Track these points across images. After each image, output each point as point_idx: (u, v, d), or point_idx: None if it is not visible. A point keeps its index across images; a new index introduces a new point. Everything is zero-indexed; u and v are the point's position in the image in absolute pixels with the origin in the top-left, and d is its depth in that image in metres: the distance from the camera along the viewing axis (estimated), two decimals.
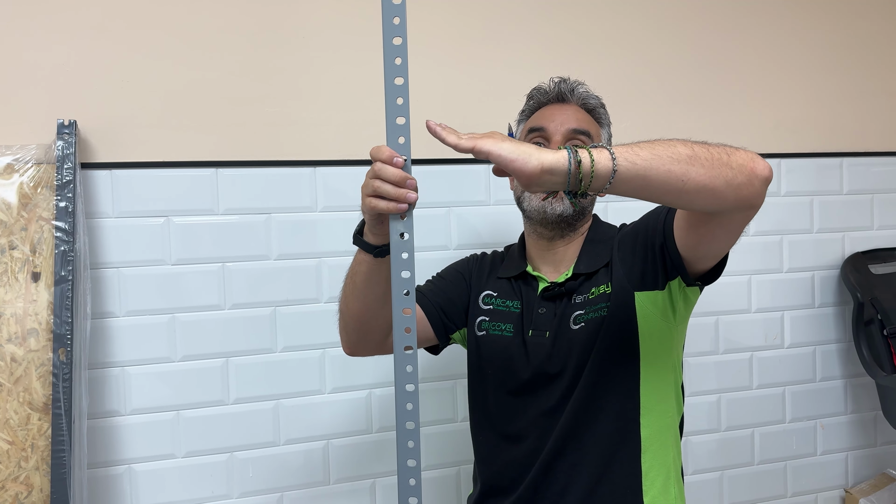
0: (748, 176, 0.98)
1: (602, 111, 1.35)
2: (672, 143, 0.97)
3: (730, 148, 1.00)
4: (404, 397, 0.94)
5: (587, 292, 1.26)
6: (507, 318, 1.32)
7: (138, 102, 1.54)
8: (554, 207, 1.27)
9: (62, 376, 1.37)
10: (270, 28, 1.61)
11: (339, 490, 1.68)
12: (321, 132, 1.64)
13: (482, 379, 1.34)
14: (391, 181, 0.96)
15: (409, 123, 0.91)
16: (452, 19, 1.72)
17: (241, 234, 1.60)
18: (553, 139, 1.27)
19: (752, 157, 0.99)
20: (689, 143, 0.98)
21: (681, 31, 1.90)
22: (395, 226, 0.95)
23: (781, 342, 2.00)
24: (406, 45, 0.89)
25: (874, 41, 2.06)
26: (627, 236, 1.27)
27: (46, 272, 1.41)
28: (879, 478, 2.06)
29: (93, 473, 1.52)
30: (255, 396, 1.62)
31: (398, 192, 0.96)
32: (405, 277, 0.94)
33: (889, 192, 2.08)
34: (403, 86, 0.90)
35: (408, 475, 0.95)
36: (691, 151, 0.96)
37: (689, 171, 0.95)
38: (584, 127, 1.29)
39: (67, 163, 1.43)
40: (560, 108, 1.31)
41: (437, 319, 1.36)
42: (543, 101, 1.34)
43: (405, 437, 0.95)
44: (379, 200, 0.97)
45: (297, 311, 1.64)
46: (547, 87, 1.35)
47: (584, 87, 1.34)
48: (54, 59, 1.49)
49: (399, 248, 0.94)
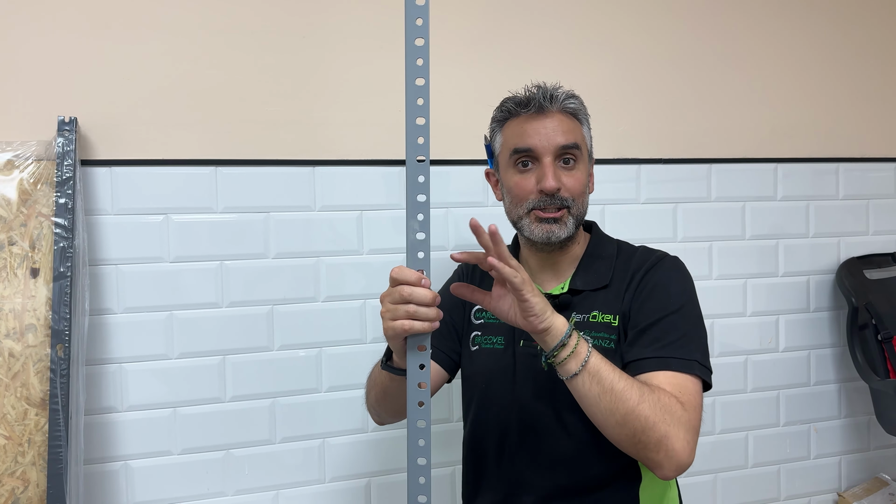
0: (664, 454, 1.05)
1: (583, 108, 1.27)
2: (632, 387, 1.05)
3: (671, 420, 1.05)
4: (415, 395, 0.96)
5: (586, 313, 1.23)
6: (498, 330, 1.30)
7: (139, 100, 1.54)
8: (559, 234, 1.22)
9: (60, 372, 1.37)
10: (273, 27, 1.61)
11: (335, 489, 1.69)
12: (321, 131, 1.65)
13: (475, 393, 1.33)
14: (425, 303, 0.96)
15: (428, 124, 0.91)
16: (453, 19, 1.73)
17: (239, 233, 1.61)
18: (543, 161, 1.20)
19: (685, 440, 1.05)
20: (644, 395, 1.05)
21: (678, 36, 1.90)
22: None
23: (776, 346, 2.00)
24: (428, 47, 0.90)
25: (871, 47, 2.07)
26: (649, 300, 1.20)
27: (45, 268, 1.41)
28: (872, 482, 2.07)
29: (89, 469, 1.53)
30: (252, 394, 1.63)
31: (436, 313, 0.98)
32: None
33: (885, 197, 2.09)
34: (424, 86, 0.91)
35: (418, 473, 0.95)
36: (637, 402, 1.04)
37: (626, 415, 1.04)
38: (572, 139, 1.22)
39: (67, 159, 1.43)
40: (542, 122, 1.22)
41: (451, 364, 1.38)
42: (520, 113, 1.24)
43: (416, 436, 0.96)
44: (415, 322, 0.97)
45: (294, 309, 1.65)
46: (523, 97, 1.25)
47: (561, 90, 1.25)
48: (55, 56, 1.50)
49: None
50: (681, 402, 1.07)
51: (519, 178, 1.23)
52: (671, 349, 1.13)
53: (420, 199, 0.92)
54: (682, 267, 1.26)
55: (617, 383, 1.03)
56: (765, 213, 1.98)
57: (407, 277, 0.97)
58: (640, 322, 1.18)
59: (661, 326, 1.16)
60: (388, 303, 0.99)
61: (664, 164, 1.89)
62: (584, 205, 1.26)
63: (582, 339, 1.05)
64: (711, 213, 1.94)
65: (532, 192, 1.21)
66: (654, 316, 1.17)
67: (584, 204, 1.25)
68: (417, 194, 0.92)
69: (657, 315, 1.17)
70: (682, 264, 1.27)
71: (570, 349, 1.03)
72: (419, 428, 0.96)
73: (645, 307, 1.19)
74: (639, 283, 1.22)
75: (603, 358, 1.06)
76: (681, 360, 1.12)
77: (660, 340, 1.15)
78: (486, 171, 1.36)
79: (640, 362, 1.14)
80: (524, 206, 1.23)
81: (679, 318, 1.17)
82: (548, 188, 1.19)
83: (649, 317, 1.18)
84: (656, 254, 1.28)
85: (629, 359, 1.16)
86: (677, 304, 1.19)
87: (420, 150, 0.92)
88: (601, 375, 1.03)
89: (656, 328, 1.16)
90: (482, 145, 1.75)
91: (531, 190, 1.22)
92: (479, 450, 1.32)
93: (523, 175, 1.23)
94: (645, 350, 1.15)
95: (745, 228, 1.97)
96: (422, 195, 0.92)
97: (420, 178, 0.91)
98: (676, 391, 1.09)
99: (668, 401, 1.05)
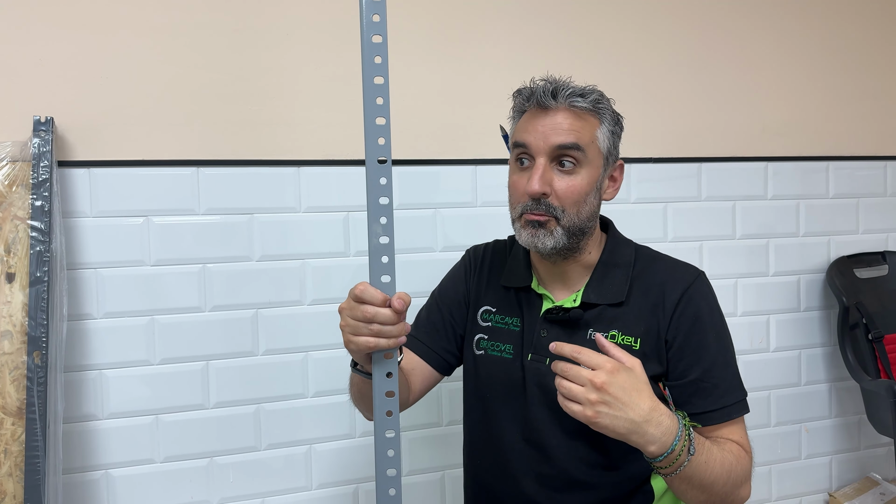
0: None
1: (600, 105, 1.16)
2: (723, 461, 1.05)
3: (745, 478, 1.09)
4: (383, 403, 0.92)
5: (604, 331, 1.15)
6: (507, 337, 1.23)
7: (118, 100, 1.50)
8: (544, 242, 1.12)
9: (37, 380, 1.33)
10: (254, 26, 1.58)
11: (322, 495, 1.65)
12: (305, 131, 1.62)
13: (478, 402, 1.26)
14: (390, 322, 0.93)
15: (389, 124, 0.88)
16: (442, 17, 1.70)
17: (222, 235, 1.57)
18: (537, 161, 1.12)
19: (750, 484, 1.10)
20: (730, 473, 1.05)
21: (668, 34, 1.89)
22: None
23: (767, 346, 1.99)
24: (386, 44, 0.87)
25: (861, 46, 2.07)
26: (694, 339, 1.15)
27: (21, 273, 1.37)
28: (863, 482, 2.06)
29: (69, 479, 1.49)
30: (236, 400, 1.59)
31: (401, 329, 0.94)
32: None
33: (875, 196, 2.09)
34: (384, 85, 0.87)
35: (387, 485, 0.92)
36: (723, 483, 1.04)
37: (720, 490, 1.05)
38: (573, 139, 1.11)
39: (44, 160, 1.39)
40: (543, 118, 1.13)
41: (443, 364, 1.31)
42: (526, 106, 1.17)
43: (384, 446, 0.92)
44: (380, 340, 0.93)
45: (279, 313, 1.61)
46: (528, 91, 1.17)
47: (572, 87, 1.14)
48: (31, 55, 1.45)
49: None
50: (746, 451, 1.11)
51: (516, 177, 1.15)
52: (729, 396, 1.14)
53: (382, 202, 0.89)
54: (711, 288, 1.21)
55: (706, 477, 1.01)
56: (755, 212, 1.97)
57: (372, 299, 0.92)
58: (691, 370, 1.14)
59: (715, 373, 1.14)
60: (349, 318, 0.95)
61: (654, 163, 1.87)
62: (582, 215, 1.13)
63: (685, 449, 0.98)
64: (701, 213, 1.92)
65: (524, 194, 1.12)
66: (706, 362, 1.14)
67: (579, 214, 1.13)
68: (380, 197, 0.89)
69: (709, 361, 1.14)
70: (709, 283, 1.21)
71: (672, 461, 0.98)
72: (388, 438, 0.92)
73: (693, 353, 1.14)
74: (672, 311, 1.15)
75: (698, 453, 1.00)
76: (738, 404, 1.14)
77: (718, 388, 1.13)
78: None
79: (703, 416, 1.13)
80: (517, 209, 1.15)
81: (726, 355, 1.16)
82: (530, 191, 1.10)
83: (701, 362, 1.14)
84: (685, 275, 1.19)
85: (692, 411, 1.14)
86: (721, 340, 1.17)
87: (381, 151, 0.89)
88: (692, 478, 1.01)
89: (712, 375, 1.14)
90: (472, 145, 1.73)
91: (523, 191, 1.13)
92: (482, 464, 1.26)
93: (520, 174, 1.14)
94: (705, 402, 1.13)
95: (735, 228, 1.95)
96: (384, 198, 0.89)
97: (382, 180, 0.88)
98: (741, 438, 1.13)
99: (743, 461, 1.08)
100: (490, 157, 1.73)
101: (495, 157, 1.73)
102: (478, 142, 1.72)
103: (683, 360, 1.14)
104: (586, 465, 1.16)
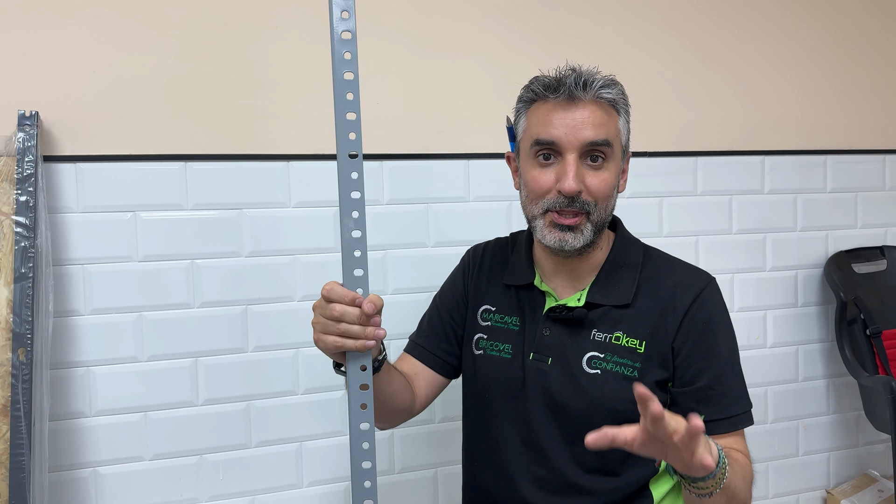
0: None
1: (620, 98, 1.13)
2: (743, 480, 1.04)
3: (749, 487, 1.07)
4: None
5: (608, 332, 1.14)
6: (506, 336, 1.21)
7: (104, 94, 1.48)
8: (573, 244, 1.10)
9: (22, 377, 1.32)
10: (241, 19, 1.56)
11: (313, 493, 1.64)
12: (295, 125, 1.60)
13: (477, 403, 1.25)
14: (357, 322, 0.92)
15: (360, 119, 0.89)
16: (434, 9, 1.68)
17: (211, 230, 1.55)
18: (567, 157, 1.08)
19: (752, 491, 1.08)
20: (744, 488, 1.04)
21: (662, 27, 1.86)
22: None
23: (764, 342, 1.97)
24: (355, 40, 0.88)
25: (860, 39, 2.04)
26: (703, 347, 1.13)
27: (6, 269, 1.35)
28: (861, 478, 2.05)
29: (56, 477, 1.47)
30: (226, 397, 1.57)
31: (367, 332, 0.93)
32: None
33: (873, 190, 2.07)
34: (353, 81, 0.90)
35: (363, 477, 0.92)
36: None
37: None
38: (603, 135, 1.08)
39: (28, 155, 1.37)
40: (571, 112, 1.08)
41: (448, 368, 1.30)
42: (548, 98, 1.11)
43: (359, 439, 0.93)
44: (346, 341, 0.93)
45: (269, 309, 1.59)
46: (553, 79, 1.12)
47: (599, 76, 1.11)
48: (14, 48, 1.43)
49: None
50: (750, 460, 1.11)
51: (538, 173, 1.11)
52: (737, 405, 1.14)
53: (354, 196, 0.91)
54: (721, 295, 1.19)
55: (730, 490, 0.98)
56: (752, 207, 1.95)
57: (340, 297, 0.92)
58: (700, 376, 1.13)
59: (724, 381, 1.13)
60: (320, 315, 0.95)
61: (649, 158, 1.85)
62: (609, 209, 1.13)
63: (723, 466, 0.94)
64: (698, 207, 1.90)
65: (550, 191, 1.09)
66: (716, 369, 1.13)
67: (607, 209, 1.12)
68: (351, 191, 0.91)
69: (718, 369, 1.13)
70: (720, 289, 1.19)
71: (718, 481, 0.94)
72: (363, 431, 0.93)
73: (703, 359, 1.13)
74: (683, 316, 1.13)
75: (731, 468, 0.97)
76: (745, 415, 1.15)
77: (726, 396, 1.13)
78: (507, 154, 1.24)
79: (710, 425, 1.10)
80: (540, 205, 1.11)
81: (735, 364, 1.16)
82: (567, 190, 1.07)
83: (710, 369, 1.13)
84: (697, 280, 1.18)
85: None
86: (731, 349, 1.16)
87: (352, 146, 0.91)
88: (727, 490, 0.98)
89: (721, 383, 1.13)
90: (464, 139, 1.71)
91: (549, 188, 1.09)
92: (480, 466, 1.25)
93: (543, 170, 1.10)
94: (712, 410, 1.12)
95: (731, 222, 1.93)
96: (356, 192, 0.91)
97: (353, 174, 0.91)
98: (744, 446, 1.14)
99: (748, 472, 1.07)
100: (483, 151, 1.71)
101: (488, 151, 1.71)
102: (470, 136, 1.70)
103: (692, 367, 1.13)
104: (584, 469, 1.15)
